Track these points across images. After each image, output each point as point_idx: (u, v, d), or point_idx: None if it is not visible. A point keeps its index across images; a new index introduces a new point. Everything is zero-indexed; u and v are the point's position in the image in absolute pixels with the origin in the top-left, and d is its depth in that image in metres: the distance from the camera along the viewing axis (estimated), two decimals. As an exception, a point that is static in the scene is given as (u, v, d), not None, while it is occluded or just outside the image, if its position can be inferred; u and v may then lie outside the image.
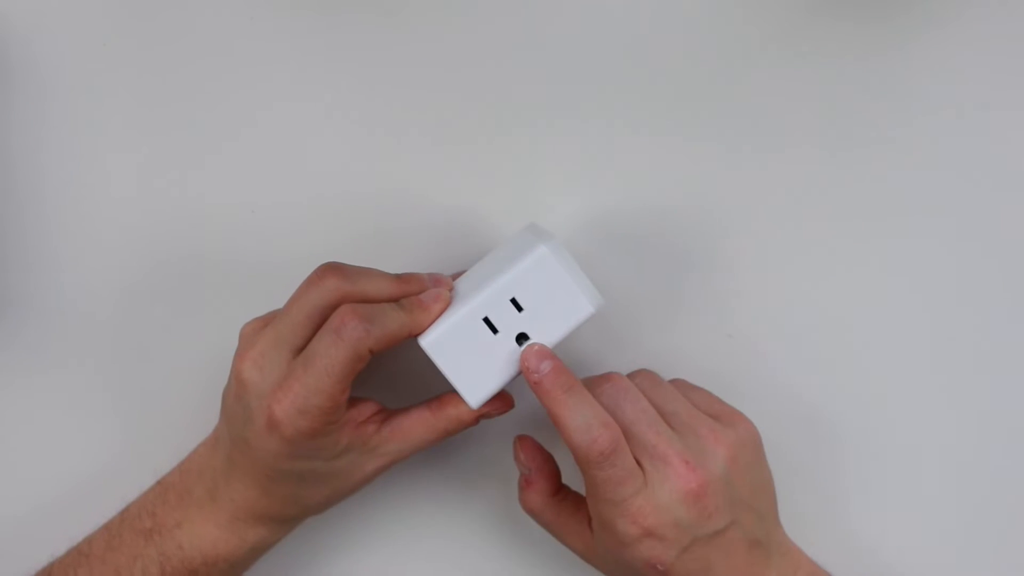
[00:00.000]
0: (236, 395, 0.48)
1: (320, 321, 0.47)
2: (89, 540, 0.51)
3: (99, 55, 0.56)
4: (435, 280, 0.50)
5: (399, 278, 0.49)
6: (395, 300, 0.48)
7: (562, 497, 0.50)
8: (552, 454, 0.51)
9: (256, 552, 0.51)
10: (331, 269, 0.48)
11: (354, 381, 0.47)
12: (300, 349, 0.47)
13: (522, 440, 0.51)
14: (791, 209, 0.55)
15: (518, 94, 0.55)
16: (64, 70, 0.56)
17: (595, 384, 0.49)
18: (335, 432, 0.47)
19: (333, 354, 0.45)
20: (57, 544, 0.52)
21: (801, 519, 0.51)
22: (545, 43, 0.55)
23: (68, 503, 0.56)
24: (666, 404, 0.49)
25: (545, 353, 0.47)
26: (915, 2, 0.54)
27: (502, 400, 0.49)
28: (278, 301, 0.50)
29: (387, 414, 0.50)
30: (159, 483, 0.52)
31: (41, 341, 0.56)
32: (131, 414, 0.56)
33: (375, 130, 0.56)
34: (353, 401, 0.48)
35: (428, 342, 0.47)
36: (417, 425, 0.49)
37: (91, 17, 0.55)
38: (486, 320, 0.47)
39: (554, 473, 0.51)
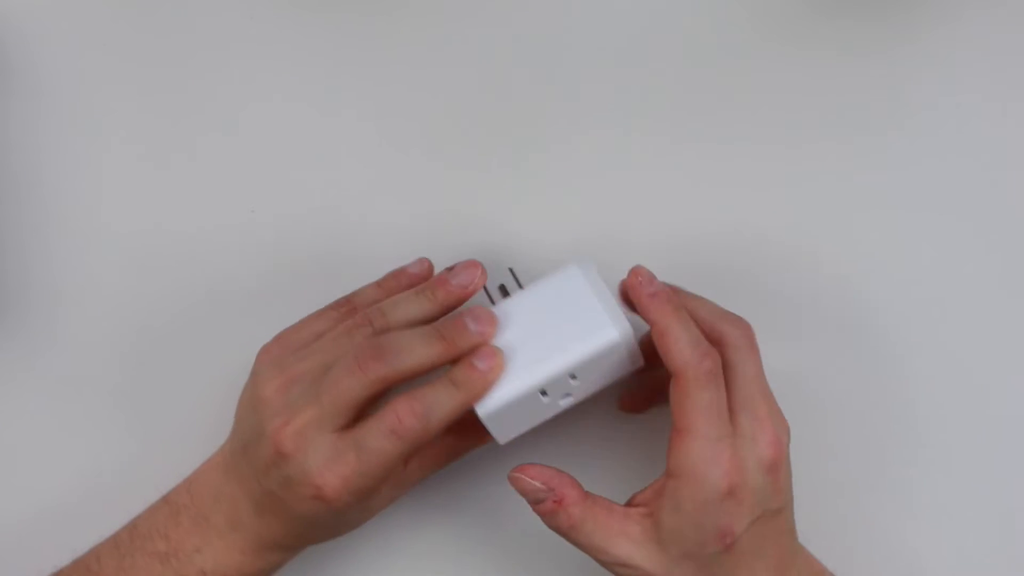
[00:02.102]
0: (272, 462, 0.46)
1: (364, 407, 0.46)
2: (97, 556, 0.50)
3: (99, 55, 0.56)
4: (476, 318, 0.47)
5: (439, 333, 0.47)
6: (439, 365, 0.46)
7: (593, 499, 0.47)
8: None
9: (275, 568, 0.51)
10: (371, 356, 0.46)
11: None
12: (344, 428, 0.46)
13: (522, 469, 0.47)
14: (791, 206, 0.55)
15: (520, 92, 0.55)
16: (64, 70, 0.56)
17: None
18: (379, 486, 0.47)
19: (389, 449, 0.45)
20: (58, 553, 0.50)
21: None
22: (546, 43, 0.55)
23: (69, 512, 0.55)
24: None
25: (651, 273, 0.47)
26: (915, 2, 0.54)
27: None
28: (282, 306, 0.50)
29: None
30: (167, 502, 0.50)
31: (39, 343, 0.56)
32: (132, 423, 0.56)
33: (376, 129, 0.56)
34: None
35: (487, 415, 0.47)
36: (442, 453, 0.51)
37: (91, 17, 0.56)
38: (542, 391, 0.47)
39: (574, 480, 0.47)
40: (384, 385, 0.46)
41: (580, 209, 0.55)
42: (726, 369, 0.46)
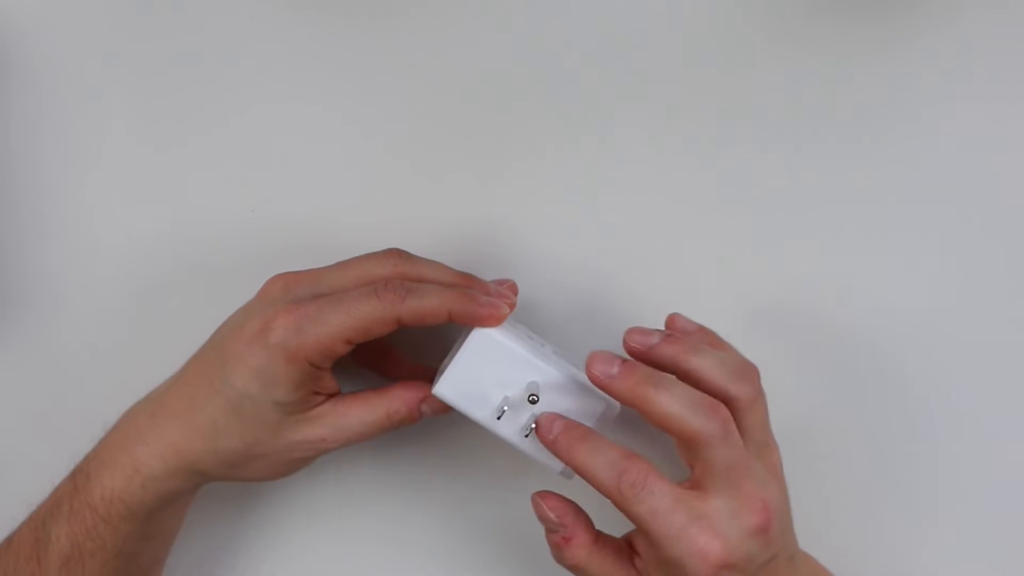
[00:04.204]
0: (246, 305, 0.48)
1: (372, 334, 0.47)
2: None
3: (99, 54, 0.56)
4: (502, 282, 0.50)
5: (462, 273, 0.49)
6: (455, 311, 0.47)
7: (603, 543, 0.47)
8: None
9: (147, 496, 0.48)
10: (397, 250, 0.49)
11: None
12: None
13: (544, 496, 0.47)
14: (789, 206, 0.55)
15: (519, 95, 0.55)
16: (64, 69, 0.56)
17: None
18: (297, 377, 0.46)
19: (362, 303, 0.46)
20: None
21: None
22: (546, 45, 0.55)
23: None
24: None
25: (554, 416, 0.47)
26: (915, 2, 0.54)
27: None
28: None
29: (339, 396, 0.49)
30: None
31: (38, 339, 0.56)
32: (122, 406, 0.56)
33: (376, 130, 0.56)
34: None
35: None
36: (357, 403, 0.49)
37: (91, 16, 0.56)
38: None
39: (589, 521, 0.48)
40: (396, 272, 0.47)
41: (579, 211, 0.55)
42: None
